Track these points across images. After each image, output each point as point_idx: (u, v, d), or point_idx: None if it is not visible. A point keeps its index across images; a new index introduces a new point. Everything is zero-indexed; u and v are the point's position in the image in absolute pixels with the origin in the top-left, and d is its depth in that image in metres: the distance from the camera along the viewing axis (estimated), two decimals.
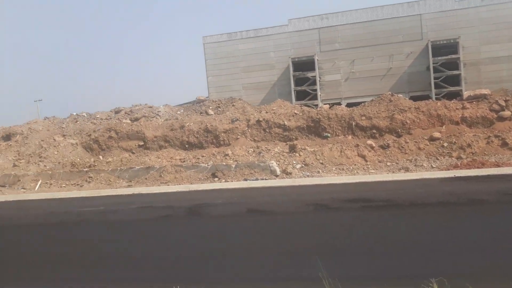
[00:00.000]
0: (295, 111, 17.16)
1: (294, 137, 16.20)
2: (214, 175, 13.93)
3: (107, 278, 5.57)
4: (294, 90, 27.16)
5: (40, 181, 15.45)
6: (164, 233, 7.66)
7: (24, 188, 15.12)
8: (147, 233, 7.77)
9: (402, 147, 14.14)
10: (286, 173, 13.27)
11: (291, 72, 28.18)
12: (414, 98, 19.23)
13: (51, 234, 8.44)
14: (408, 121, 15.10)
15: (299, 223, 7.51)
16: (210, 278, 5.25)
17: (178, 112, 20.51)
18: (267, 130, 16.67)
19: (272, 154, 14.88)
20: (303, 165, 13.88)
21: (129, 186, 13.96)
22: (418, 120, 15.16)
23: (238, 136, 16.73)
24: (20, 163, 16.91)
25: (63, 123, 20.39)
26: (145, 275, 5.56)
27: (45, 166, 16.41)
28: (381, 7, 29.00)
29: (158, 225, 8.42)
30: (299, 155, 14.50)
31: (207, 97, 25.35)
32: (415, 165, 12.83)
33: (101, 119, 20.18)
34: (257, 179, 12.97)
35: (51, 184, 15.21)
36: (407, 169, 12.48)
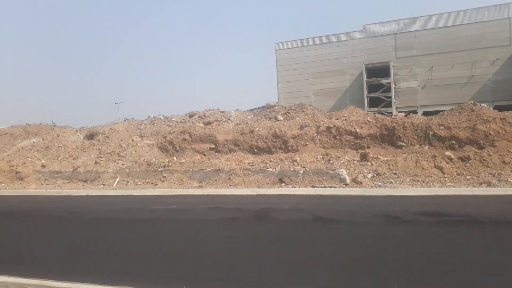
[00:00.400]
0: (368, 119, 16.63)
1: (366, 145, 15.70)
2: (281, 180, 13.89)
3: (171, 275, 5.70)
4: (367, 97, 26.41)
5: (118, 178, 16.41)
6: (232, 234, 7.74)
7: (103, 184, 16.14)
8: (215, 233, 7.91)
9: (484, 160, 13.11)
10: (356, 182, 12.87)
11: (364, 78, 27.44)
12: (499, 108, 17.83)
13: (125, 229, 8.90)
14: (492, 133, 13.97)
15: (368, 234, 7.22)
16: (274, 284, 5.18)
17: (248, 117, 20.79)
18: (337, 137, 16.33)
19: (342, 162, 14.53)
20: (374, 174, 13.38)
21: (199, 186, 14.36)
22: (503, 132, 13.98)
23: (307, 142, 16.56)
24: (101, 160, 18.08)
25: (141, 124, 21.53)
26: (210, 274, 5.62)
27: (123, 164, 17.40)
28: (464, 11, 27.34)
29: (226, 226, 8.55)
30: (371, 164, 14.01)
31: (276, 102, 25.43)
32: (498, 180, 11.82)
33: (176, 122, 21.02)
34: (325, 187, 12.72)
35: (128, 181, 16.10)
36: (489, 184, 11.54)
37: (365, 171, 13.69)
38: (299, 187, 13.06)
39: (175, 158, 17.84)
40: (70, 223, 9.91)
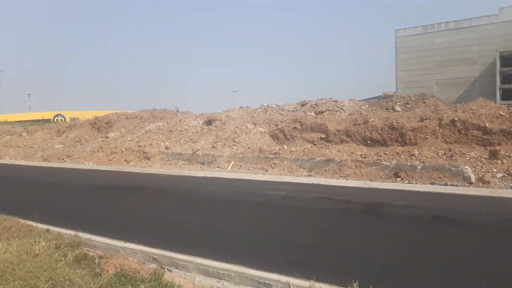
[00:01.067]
0: (501, 112, 14.84)
1: (496, 141, 14.06)
2: (396, 175, 13.15)
3: (283, 260, 5.72)
4: (500, 88, 23.49)
5: (232, 162, 17.14)
6: (339, 226, 7.54)
7: (219, 167, 16.99)
8: (324, 223, 7.79)
9: None
10: (482, 181, 11.60)
11: (498, 67, 24.42)
12: None
13: (238, 210, 9.25)
14: None
15: (498, 240, 6.44)
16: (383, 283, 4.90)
17: (363, 107, 20.05)
18: (462, 132, 14.89)
19: (467, 159, 13.20)
20: (505, 174, 11.91)
21: (309, 175, 14.30)
22: None
23: (427, 136, 15.39)
24: (218, 145, 19.05)
25: (255, 112, 22.18)
26: (311, 263, 5.53)
27: (237, 149, 18.11)
28: None
29: (334, 217, 8.37)
30: (502, 162, 12.49)
31: (394, 92, 24.09)
32: None
33: (288, 110, 21.20)
34: (446, 184, 11.70)
35: (241, 166, 16.72)
36: None
37: (494, 170, 12.26)
38: (416, 183, 12.21)
39: (285, 146, 18.02)
40: (189, 201, 10.63)
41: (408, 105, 18.80)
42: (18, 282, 4.24)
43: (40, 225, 6.87)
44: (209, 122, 22.49)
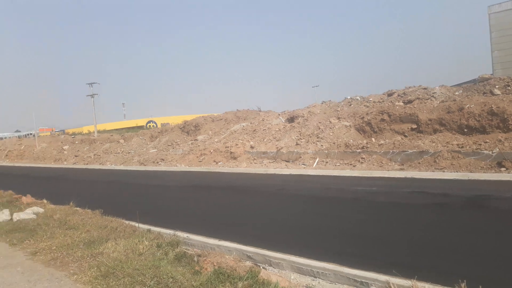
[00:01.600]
0: None
1: None
2: (500, 164, 12.01)
3: (390, 261, 5.46)
4: None
5: (317, 159, 16.93)
6: (439, 223, 7.01)
7: (304, 164, 16.88)
8: (419, 220, 7.33)
9: None
10: None
11: None
12: None
13: (328, 207, 9.07)
14: None
15: None
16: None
17: (456, 93, 18.63)
18: None
19: None
20: None
21: (401, 169, 13.60)
22: None
23: None
24: (301, 142, 18.93)
25: (338, 106, 21.69)
26: (411, 263, 5.18)
27: (321, 145, 17.84)
28: None
29: (433, 213, 7.82)
30: None
31: (491, 74, 22.02)
32: None
33: (374, 102, 20.41)
34: None
35: (326, 162, 16.45)
36: None
37: None
38: None
39: (373, 139, 17.35)
40: (277, 199, 10.67)
41: (509, 87, 17.08)
42: (127, 279, 4.54)
43: (141, 225, 7.32)
44: (291, 119, 22.46)
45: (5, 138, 72.98)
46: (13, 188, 12.49)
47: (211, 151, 21.87)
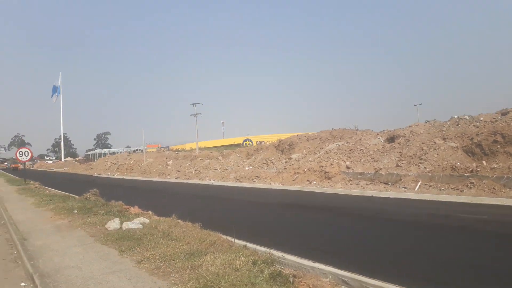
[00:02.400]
0: None
1: None
2: None
3: None
4: None
5: (419, 182, 15.88)
6: None
7: (405, 187, 15.93)
8: None
9: None
10: None
11: None
12: None
13: (428, 236, 8.38)
14: None
15: None
16: None
17: None
18: None
19: None
20: None
21: None
22: None
23: None
24: (402, 163, 17.94)
25: (444, 126, 20.21)
26: None
27: (424, 168, 16.72)
28: None
29: None
30: None
31: None
32: None
33: (485, 121, 18.64)
34: None
35: (430, 186, 15.34)
36: None
37: None
38: None
39: (484, 162, 15.79)
40: (375, 223, 10.17)
41: None
42: None
43: (237, 241, 7.44)
44: (391, 139, 21.46)
45: (117, 153, 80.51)
46: (122, 199, 13.58)
47: (305, 170, 21.74)
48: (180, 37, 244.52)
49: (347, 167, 20.09)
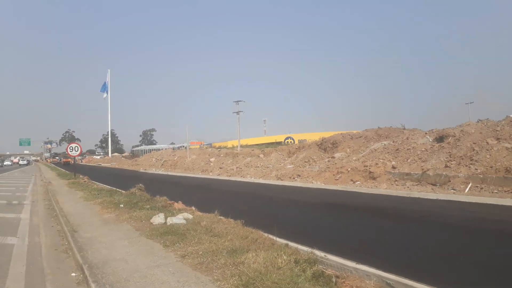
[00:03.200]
0: None
1: None
2: None
3: None
4: None
5: (470, 184, 15.16)
6: None
7: (453, 189, 15.26)
8: None
9: None
10: None
11: None
12: None
13: (480, 241, 7.96)
14: None
15: None
16: None
17: None
18: None
19: None
20: None
21: None
22: None
23: None
24: (451, 164, 17.21)
25: (498, 125, 19.18)
26: None
27: (475, 169, 15.95)
28: None
29: None
30: None
31: None
32: None
33: None
34: None
35: (481, 188, 14.61)
36: None
37: None
38: None
39: None
40: (421, 225, 9.79)
41: None
42: None
43: (279, 239, 7.38)
44: (440, 139, 20.63)
45: (162, 149, 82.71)
46: (167, 194, 13.86)
47: (349, 169, 21.33)
48: (226, 36, 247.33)
49: (393, 167, 19.51)
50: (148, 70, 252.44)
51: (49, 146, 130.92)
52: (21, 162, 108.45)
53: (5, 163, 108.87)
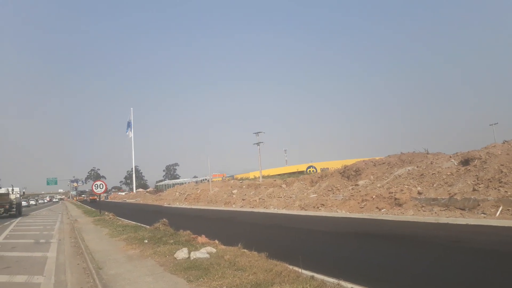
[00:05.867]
0: None
1: None
2: None
3: None
4: None
5: (500, 207, 14.64)
6: None
7: (484, 213, 14.76)
8: None
9: None
10: None
11: None
12: None
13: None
14: None
15: None
16: None
17: None
18: None
19: None
20: None
21: None
22: None
23: None
24: (479, 187, 16.70)
25: None
26: None
27: (505, 192, 15.42)
28: None
29: None
30: None
31: None
32: None
33: None
34: None
35: None
36: None
37: None
38: None
39: None
40: (453, 253, 9.45)
41: None
42: None
43: (304, 271, 7.22)
44: (465, 162, 20.12)
45: (185, 183, 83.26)
46: (190, 228, 13.85)
47: (373, 197, 20.94)
48: (244, 69, 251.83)
49: (419, 193, 19.06)
50: (170, 106, 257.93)
51: (75, 184, 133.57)
52: (54, 200, 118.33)
53: (39, 201, 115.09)
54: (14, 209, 37.11)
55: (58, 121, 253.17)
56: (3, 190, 38.00)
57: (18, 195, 40.59)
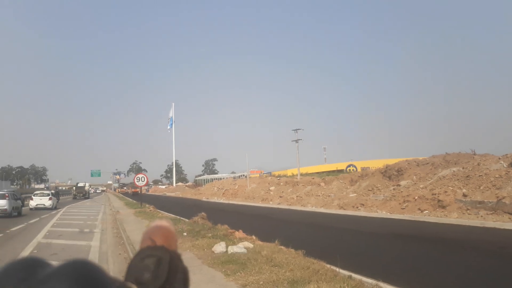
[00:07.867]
0: None
1: None
2: None
3: None
4: None
5: None
6: None
7: None
8: None
9: None
10: None
11: None
12: None
13: None
14: None
15: None
16: None
17: None
18: None
19: None
20: None
21: None
22: None
23: None
24: None
25: None
26: None
27: None
28: None
29: None
30: None
31: None
32: None
33: None
34: None
35: None
36: None
37: None
38: None
39: None
40: (499, 258, 9.01)
41: None
42: None
43: (342, 271, 7.11)
44: None
45: (223, 178, 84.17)
46: (228, 223, 13.97)
47: (415, 198, 20.33)
48: (284, 65, 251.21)
49: (464, 195, 18.32)
50: (210, 101, 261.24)
51: (118, 176, 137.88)
52: (97, 191, 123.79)
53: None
54: (87, 195, 69.53)
55: (104, 116, 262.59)
56: (81, 184, 71.65)
57: (88, 187, 78.00)
